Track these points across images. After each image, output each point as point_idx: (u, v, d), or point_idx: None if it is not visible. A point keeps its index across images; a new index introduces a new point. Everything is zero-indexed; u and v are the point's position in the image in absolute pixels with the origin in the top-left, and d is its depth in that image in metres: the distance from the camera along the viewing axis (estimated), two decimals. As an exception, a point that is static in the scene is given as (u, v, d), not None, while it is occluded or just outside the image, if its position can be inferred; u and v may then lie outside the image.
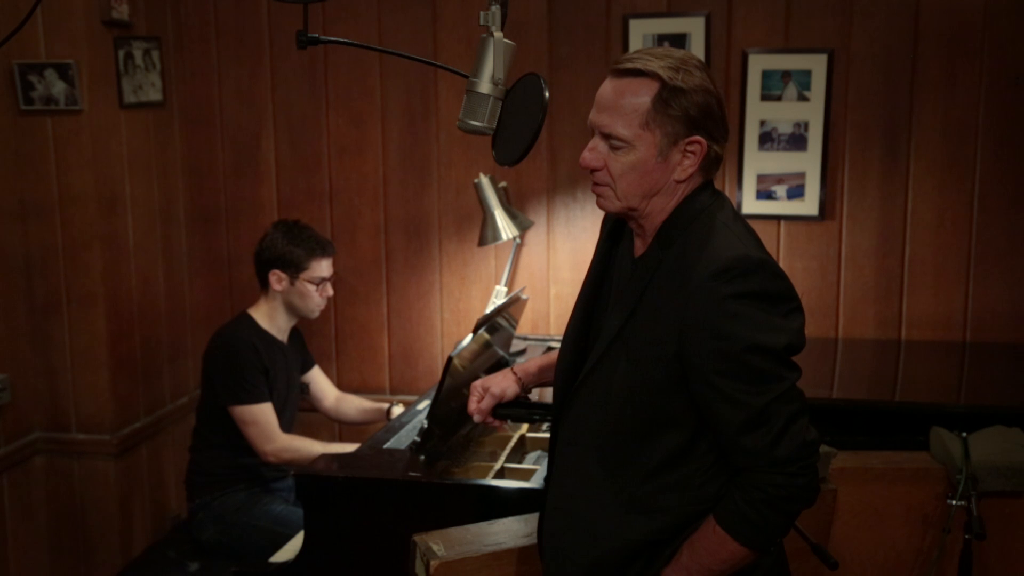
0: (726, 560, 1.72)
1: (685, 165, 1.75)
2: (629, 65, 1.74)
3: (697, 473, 1.75)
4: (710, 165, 1.78)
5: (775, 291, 1.70)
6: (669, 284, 1.72)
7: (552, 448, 1.93)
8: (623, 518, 1.77)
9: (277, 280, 3.31)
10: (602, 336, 1.81)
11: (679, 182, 1.76)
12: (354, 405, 3.63)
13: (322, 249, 3.33)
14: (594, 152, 1.77)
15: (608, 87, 1.77)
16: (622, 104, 1.73)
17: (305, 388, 3.58)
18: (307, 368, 3.57)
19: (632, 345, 1.75)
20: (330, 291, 3.39)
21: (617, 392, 1.76)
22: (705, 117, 1.73)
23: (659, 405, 1.73)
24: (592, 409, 1.81)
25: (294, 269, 3.29)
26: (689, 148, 1.74)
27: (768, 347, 1.66)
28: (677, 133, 1.72)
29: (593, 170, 1.78)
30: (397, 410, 3.47)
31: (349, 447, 3.06)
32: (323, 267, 3.33)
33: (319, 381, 3.62)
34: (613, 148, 1.75)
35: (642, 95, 1.72)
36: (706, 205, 1.78)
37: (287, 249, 3.28)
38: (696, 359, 1.68)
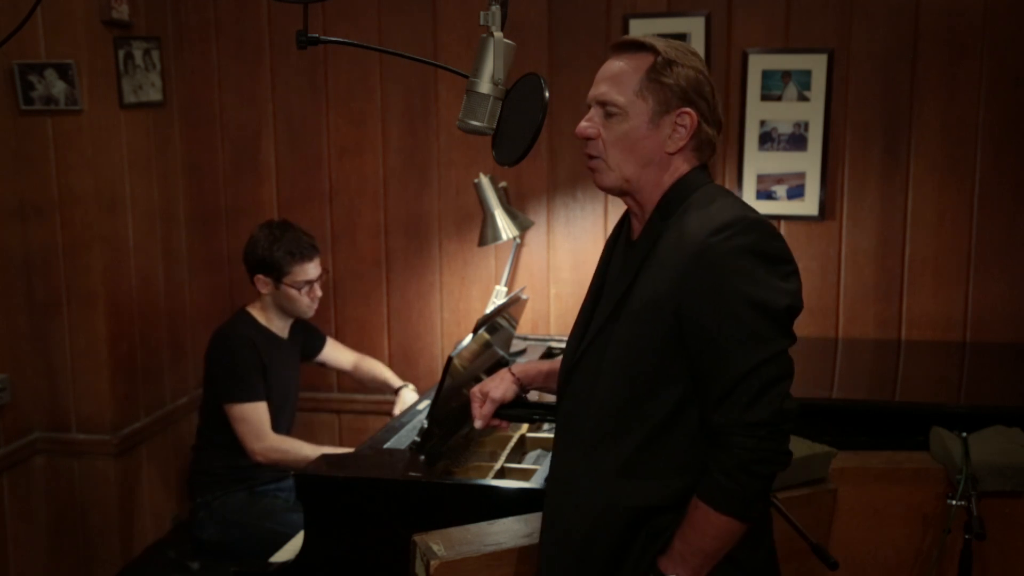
0: (716, 536, 1.74)
1: (676, 137, 1.81)
2: (628, 39, 1.84)
3: (686, 441, 1.77)
4: (702, 145, 1.84)
5: (773, 251, 1.73)
6: (668, 248, 1.76)
7: (556, 429, 1.96)
8: (614, 483, 1.80)
9: (263, 284, 3.29)
10: (602, 308, 1.85)
11: (670, 154, 1.81)
12: (372, 371, 3.63)
13: (302, 253, 3.26)
14: (590, 122, 1.84)
15: (607, 62, 1.86)
16: (618, 73, 1.82)
17: (323, 365, 3.62)
18: (319, 349, 3.57)
19: (631, 307, 1.78)
20: (318, 292, 3.35)
21: (613, 352, 1.80)
22: (697, 94, 1.80)
23: (653, 364, 1.76)
24: (590, 376, 1.84)
25: (277, 274, 3.26)
26: (680, 120, 1.80)
27: (767, 305, 1.69)
28: (669, 102, 1.79)
29: (588, 139, 1.84)
30: (407, 392, 3.49)
31: (344, 451, 3.05)
32: (307, 270, 3.28)
33: (334, 354, 3.61)
34: (608, 116, 1.82)
35: (638, 65, 1.80)
36: (703, 181, 1.83)
37: (268, 254, 3.24)
38: (694, 316, 1.71)
